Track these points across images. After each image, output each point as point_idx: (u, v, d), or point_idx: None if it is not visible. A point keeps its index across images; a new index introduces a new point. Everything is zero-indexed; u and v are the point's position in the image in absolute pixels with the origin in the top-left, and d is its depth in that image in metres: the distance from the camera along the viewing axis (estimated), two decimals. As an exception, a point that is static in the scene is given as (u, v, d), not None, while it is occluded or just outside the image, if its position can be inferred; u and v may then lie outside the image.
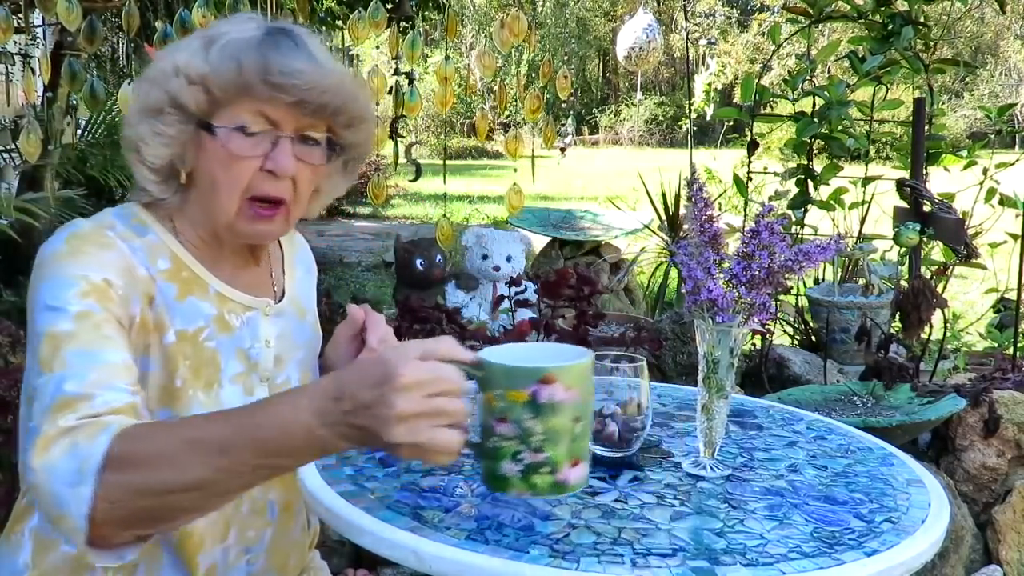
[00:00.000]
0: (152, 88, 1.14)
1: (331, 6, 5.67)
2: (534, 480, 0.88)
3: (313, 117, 1.17)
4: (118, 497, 0.90)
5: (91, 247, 1.11)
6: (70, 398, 0.98)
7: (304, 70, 1.12)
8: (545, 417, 0.84)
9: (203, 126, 1.14)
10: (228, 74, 1.11)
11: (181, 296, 1.18)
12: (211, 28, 1.17)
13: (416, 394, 0.84)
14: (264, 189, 1.17)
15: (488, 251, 4.35)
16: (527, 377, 0.84)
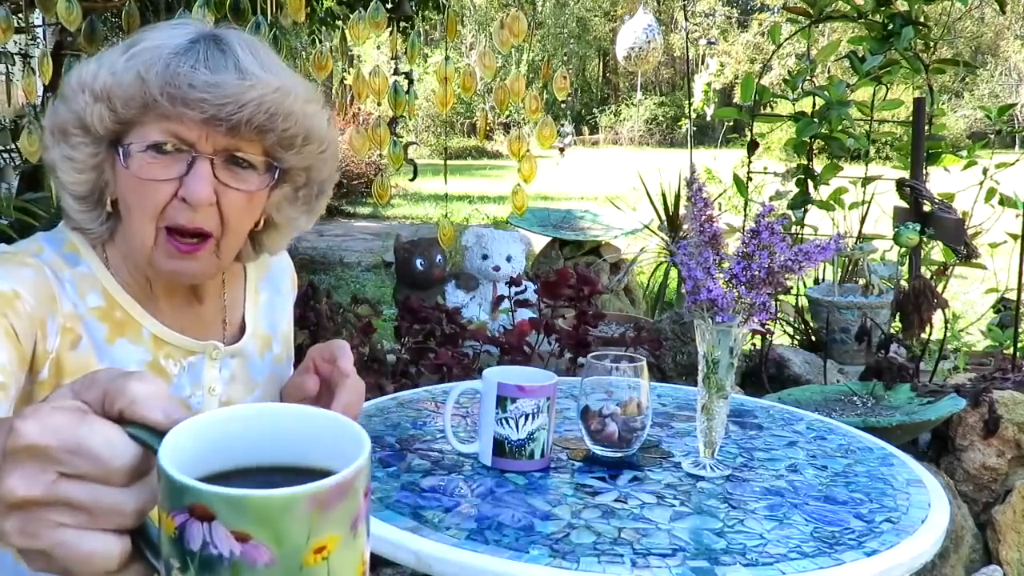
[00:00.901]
0: (60, 106, 1.01)
1: (331, 6, 5.67)
2: None
3: (233, 136, 0.99)
4: None
5: (8, 264, 0.99)
6: None
7: (216, 82, 0.96)
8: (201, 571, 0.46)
9: (113, 146, 1.00)
10: (131, 88, 0.97)
11: (111, 339, 1.04)
12: (137, 35, 1.02)
13: (36, 470, 0.51)
14: (179, 219, 1.00)
15: (488, 251, 4.36)
16: (175, 495, 0.46)
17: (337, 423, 0.52)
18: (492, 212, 11.31)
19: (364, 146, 2.69)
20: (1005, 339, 3.29)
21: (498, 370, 1.22)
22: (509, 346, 2.60)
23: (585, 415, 1.22)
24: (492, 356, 2.75)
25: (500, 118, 16.35)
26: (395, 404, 1.49)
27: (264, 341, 1.20)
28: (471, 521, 1.03)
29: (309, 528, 0.45)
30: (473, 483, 1.15)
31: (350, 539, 0.47)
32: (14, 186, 5.41)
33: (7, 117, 7.20)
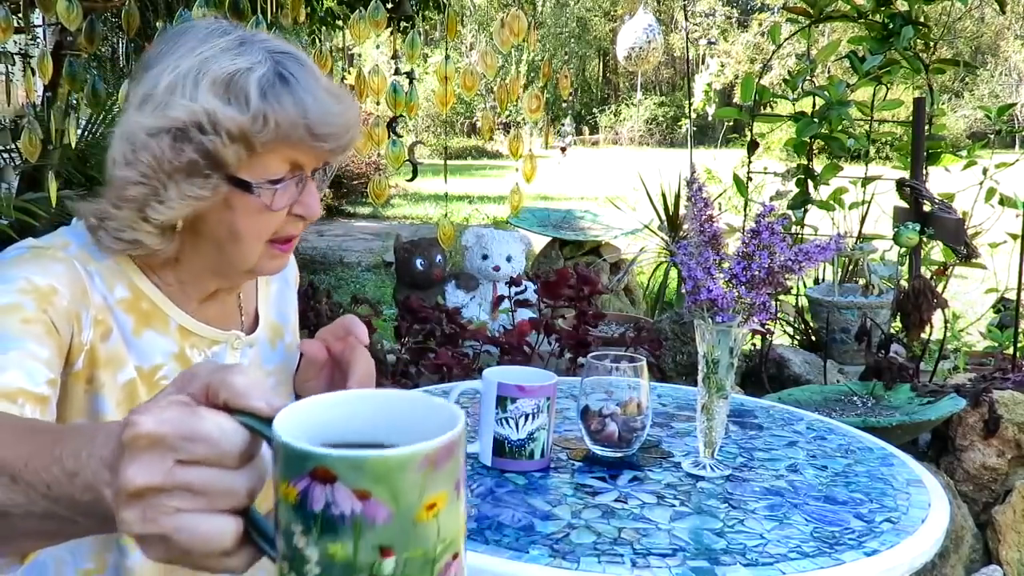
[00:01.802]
0: (180, 144, 0.98)
1: (331, 6, 5.67)
2: None
3: (335, 155, 1.07)
4: None
5: (42, 259, 1.01)
6: None
7: (338, 112, 1.03)
8: (321, 537, 0.49)
9: (238, 184, 1.01)
10: (271, 128, 0.99)
11: (137, 330, 1.07)
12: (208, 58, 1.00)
13: (155, 459, 0.54)
14: (290, 231, 1.09)
15: (488, 251, 4.36)
16: (295, 463, 0.49)
17: (429, 402, 0.56)
18: (492, 212, 11.32)
19: (364, 145, 2.69)
20: (1005, 339, 3.29)
21: (498, 370, 1.22)
22: (509, 346, 2.60)
23: (585, 415, 1.22)
24: (492, 356, 2.75)
25: (500, 118, 16.35)
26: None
27: (275, 331, 1.24)
28: (471, 521, 1.03)
29: (422, 486, 0.49)
30: (473, 483, 1.15)
31: (455, 499, 0.50)
32: (14, 186, 5.41)
33: (7, 117, 7.20)
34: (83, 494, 0.59)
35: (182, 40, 1.03)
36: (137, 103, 1.01)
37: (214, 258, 1.08)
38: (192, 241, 1.07)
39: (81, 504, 0.59)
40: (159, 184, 1.00)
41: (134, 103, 1.02)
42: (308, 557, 0.50)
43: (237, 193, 1.02)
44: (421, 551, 0.50)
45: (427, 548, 0.50)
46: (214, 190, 1.01)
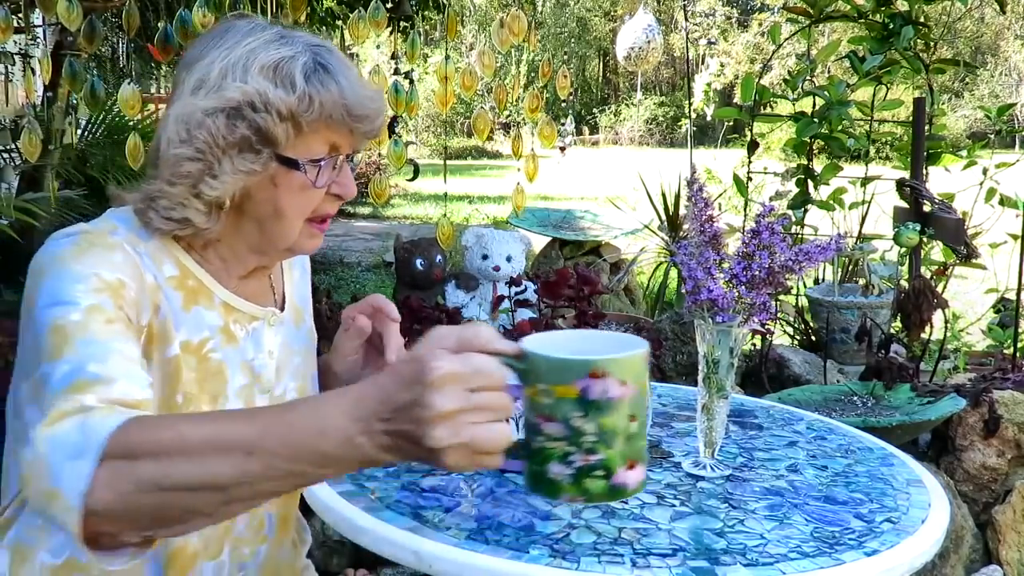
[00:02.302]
0: (234, 122, 1.07)
1: (331, 6, 5.67)
2: (586, 484, 0.78)
3: (367, 139, 1.17)
4: (122, 487, 0.80)
5: (98, 248, 1.06)
6: (89, 380, 0.91)
7: (372, 96, 1.13)
8: (597, 415, 0.75)
9: (285, 161, 1.10)
10: (316, 108, 1.08)
11: (187, 305, 1.13)
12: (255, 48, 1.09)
13: (455, 389, 0.76)
14: (328, 210, 1.17)
15: (488, 251, 4.35)
16: (576, 370, 0.75)
17: (619, 336, 0.86)
18: (492, 212, 11.31)
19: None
20: (1005, 339, 3.29)
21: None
22: (509, 346, 2.60)
23: (585, 415, 1.22)
24: (492, 356, 2.75)
25: (500, 118, 16.34)
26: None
27: (298, 314, 1.32)
28: (471, 521, 1.03)
29: (644, 372, 0.80)
30: (473, 483, 1.15)
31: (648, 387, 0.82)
32: (14, 186, 5.41)
33: (7, 117, 7.20)
34: (337, 447, 0.78)
35: (227, 35, 1.12)
36: (191, 89, 1.09)
37: (255, 236, 1.15)
38: (235, 221, 1.14)
39: (332, 455, 0.79)
40: (214, 159, 1.07)
41: (187, 89, 1.10)
42: (586, 431, 0.76)
43: (283, 171, 1.10)
44: (644, 413, 0.80)
45: (647, 412, 0.80)
46: (264, 166, 1.09)
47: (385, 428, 0.78)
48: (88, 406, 0.87)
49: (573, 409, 0.75)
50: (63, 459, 0.81)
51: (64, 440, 0.83)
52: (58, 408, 0.87)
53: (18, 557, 1.12)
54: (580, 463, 0.77)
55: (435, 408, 0.75)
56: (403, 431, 0.77)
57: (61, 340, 0.95)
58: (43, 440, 0.84)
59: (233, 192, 1.10)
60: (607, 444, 0.77)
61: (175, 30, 2.43)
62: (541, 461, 0.79)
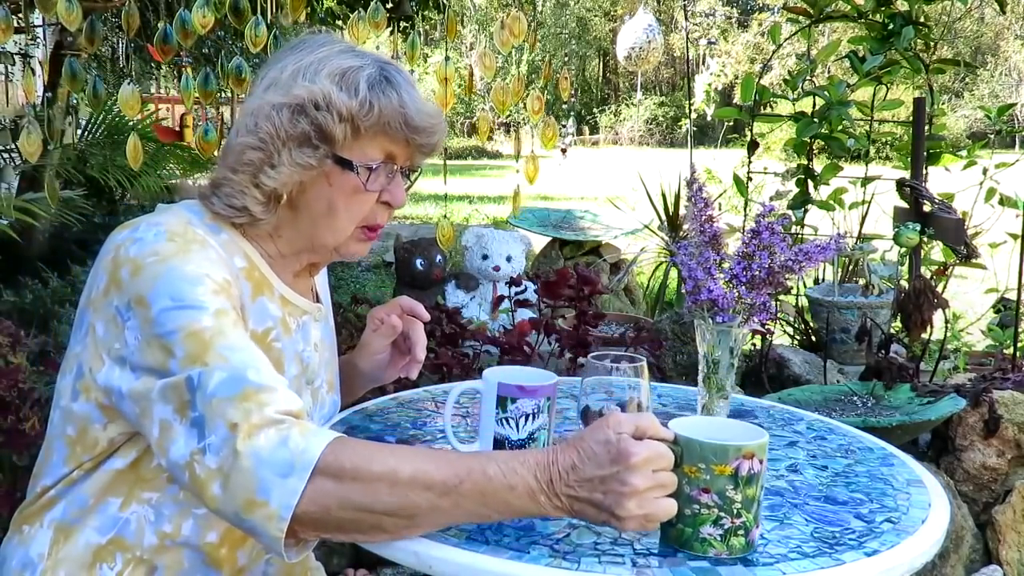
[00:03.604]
0: (297, 117, 1.15)
1: (331, 6, 5.67)
2: (732, 542, 0.96)
3: (422, 153, 1.23)
4: (327, 503, 0.94)
5: (196, 245, 1.11)
6: (254, 388, 0.99)
7: (432, 112, 1.20)
8: (744, 487, 0.95)
9: (339, 161, 1.17)
10: (375, 114, 1.15)
11: (253, 296, 1.19)
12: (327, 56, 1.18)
13: (646, 471, 0.94)
14: (378, 219, 1.24)
15: (488, 251, 4.35)
16: (733, 453, 0.95)
17: (737, 423, 1.06)
18: (492, 212, 11.31)
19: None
20: (1005, 339, 3.29)
21: (498, 370, 1.22)
22: (509, 346, 2.60)
23: (585, 415, 1.22)
24: (492, 356, 2.75)
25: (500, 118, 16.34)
26: (395, 404, 1.48)
27: (327, 312, 1.38)
28: (471, 521, 1.03)
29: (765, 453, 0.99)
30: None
31: None
32: (14, 186, 5.41)
33: (7, 117, 7.19)
34: (520, 500, 0.95)
35: (303, 45, 1.21)
36: (264, 87, 1.18)
37: (309, 233, 1.21)
38: (292, 216, 1.21)
39: (515, 506, 0.96)
40: (274, 150, 1.15)
41: (261, 87, 1.19)
42: (735, 499, 0.95)
43: (337, 171, 1.17)
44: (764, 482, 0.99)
45: None
46: (320, 162, 1.16)
47: (569, 494, 0.95)
48: (275, 418, 0.98)
49: (727, 483, 0.95)
50: (272, 475, 0.94)
51: (271, 457, 0.95)
52: (248, 420, 0.97)
53: (60, 536, 1.17)
54: (728, 525, 0.96)
55: (633, 486, 0.93)
56: (592, 499, 0.94)
57: (200, 346, 1.02)
58: (247, 454, 0.95)
59: (290, 184, 1.16)
60: (748, 509, 0.96)
61: (175, 30, 2.42)
62: (696, 524, 0.96)
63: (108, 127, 5.53)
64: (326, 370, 1.34)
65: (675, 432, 0.99)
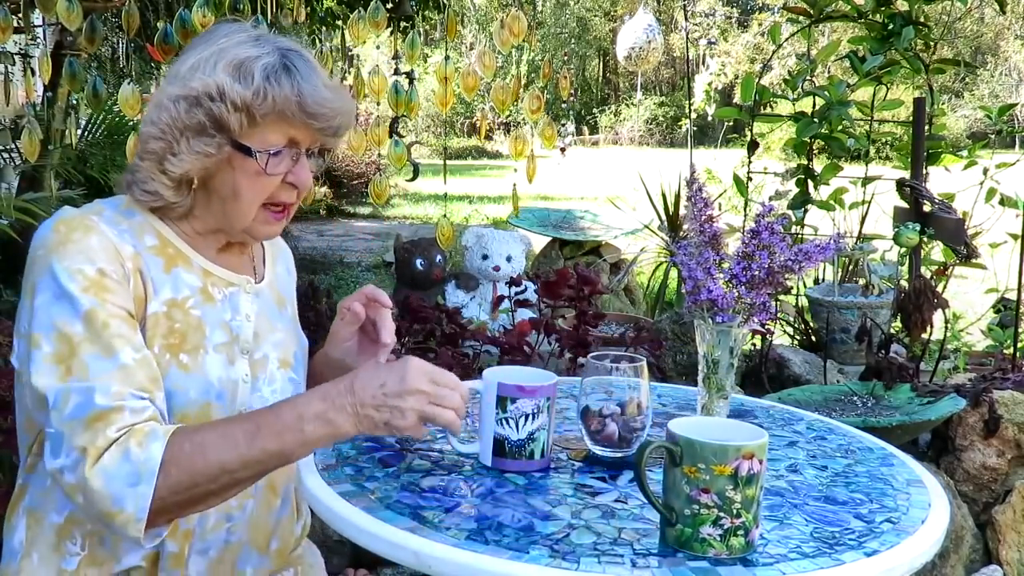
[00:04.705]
0: (193, 108, 1.21)
1: (331, 6, 5.67)
2: (731, 542, 0.96)
3: (326, 136, 1.29)
4: (176, 494, 1.08)
5: (76, 234, 1.18)
6: (102, 411, 1.10)
7: (329, 98, 1.24)
8: (744, 487, 0.96)
9: (239, 147, 1.23)
10: (269, 102, 1.21)
11: (167, 268, 1.27)
12: (227, 48, 1.23)
13: (424, 377, 1.09)
14: (282, 198, 1.29)
15: (488, 251, 4.35)
16: (733, 454, 0.96)
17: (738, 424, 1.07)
18: (492, 212, 11.31)
19: (362, 146, 2.69)
20: (1005, 339, 3.29)
21: (498, 370, 1.22)
22: (509, 346, 2.60)
23: (585, 415, 1.22)
24: (492, 356, 2.75)
25: (500, 118, 16.32)
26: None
27: (279, 299, 1.44)
28: (471, 521, 1.03)
29: None
30: (473, 483, 1.15)
31: None
32: (14, 186, 5.40)
33: (7, 117, 7.19)
34: (312, 426, 1.10)
35: (209, 35, 1.28)
36: (168, 79, 1.27)
37: (220, 214, 1.28)
38: (204, 198, 1.28)
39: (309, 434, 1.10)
40: (173, 140, 1.22)
41: (166, 80, 1.27)
42: (735, 500, 0.95)
43: (239, 156, 1.23)
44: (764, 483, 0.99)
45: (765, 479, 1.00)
46: (218, 149, 1.22)
47: (355, 405, 1.09)
48: (114, 438, 1.09)
49: (727, 483, 0.95)
50: (123, 487, 1.07)
51: (118, 472, 1.07)
52: (94, 445, 1.08)
53: (32, 521, 1.25)
54: (728, 525, 0.96)
55: (412, 384, 1.09)
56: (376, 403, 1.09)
57: (68, 351, 1.13)
58: (96, 475, 1.07)
59: (195, 170, 1.24)
60: (747, 509, 0.96)
61: (175, 30, 2.43)
62: (695, 524, 0.97)
63: (108, 127, 5.53)
64: (276, 348, 1.37)
65: (675, 432, 0.99)
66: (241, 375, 1.30)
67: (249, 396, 1.30)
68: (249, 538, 1.32)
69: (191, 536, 1.25)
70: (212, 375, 1.26)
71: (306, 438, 1.10)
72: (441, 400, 1.11)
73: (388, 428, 1.11)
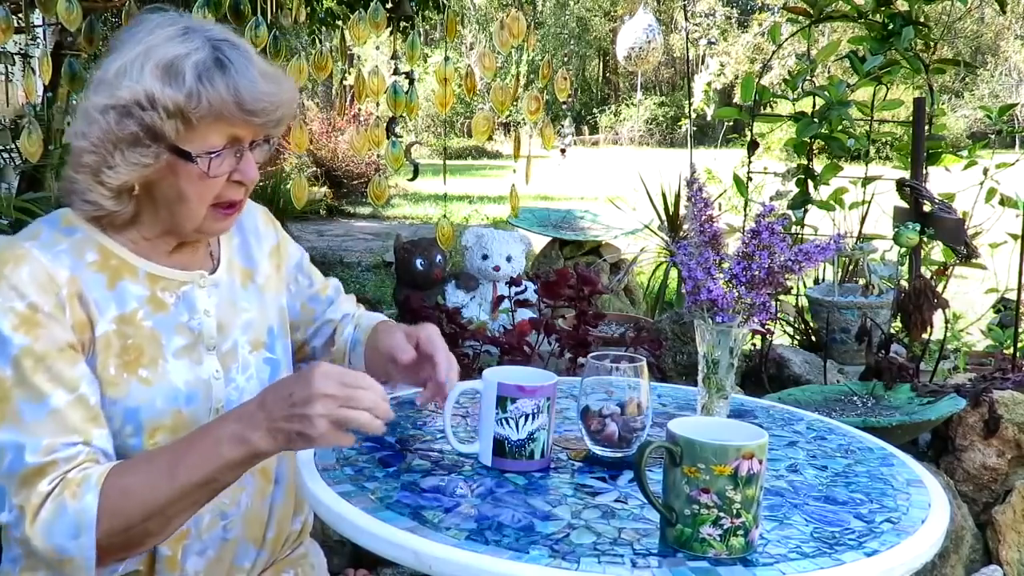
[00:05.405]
0: (124, 119, 1.15)
1: (331, 6, 5.66)
2: (731, 542, 0.97)
3: (269, 128, 1.24)
4: (114, 533, 1.09)
5: (7, 268, 1.14)
6: (34, 468, 1.09)
7: (269, 92, 1.19)
8: (744, 487, 0.96)
9: (179, 153, 1.18)
10: (204, 105, 1.15)
11: (111, 284, 1.22)
12: (153, 46, 1.16)
13: (330, 382, 1.06)
14: (230, 196, 1.25)
15: (488, 251, 4.35)
16: (733, 454, 0.96)
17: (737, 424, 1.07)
18: (492, 212, 11.31)
19: (363, 146, 2.69)
20: (1005, 339, 3.28)
21: (498, 370, 1.22)
22: (509, 346, 2.60)
23: (585, 415, 1.22)
24: (492, 356, 2.75)
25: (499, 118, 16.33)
26: (395, 404, 1.48)
27: (244, 274, 1.39)
28: (471, 521, 1.03)
29: None
30: (473, 483, 1.15)
31: None
32: (14, 186, 5.40)
33: (7, 117, 7.19)
34: (230, 447, 1.09)
35: (134, 31, 1.20)
36: (94, 86, 1.19)
37: (167, 218, 1.24)
38: (149, 204, 1.23)
39: (227, 456, 1.09)
40: (107, 153, 1.16)
41: (92, 87, 1.20)
42: (735, 500, 0.95)
43: (179, 161, 1.18)
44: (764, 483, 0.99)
45: None
46: (156, 158, 1.17)
47: (269, 420, 1.08)
48: (47, 491, 1.09)
49: (727, 483, 0.95)
50: (65, 540, 1.08)
51: (55, 528, 1.08)
52: (29, 503, 1.09)
53: None
54: (728, 525, 0.96)
55: (318, 389, 1.06)
56: (288, 415, 1.06)
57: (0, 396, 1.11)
58: (36, 533, 1.08)
59: (134, 179, 1.19)
60: (747, 509, 0.96)
61: (175, 30, 2.42)
62: (695, 524, 0.97)
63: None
64: (245, 330, 1.34)
65: (675, 432, 0.99)
66: (212, 372, 1.28)
67: (224, 390, 1.29)
68: (246, 533, 1.32)
69: (186, 537, 1.25)
70: (178, 381, 1.24)
71: (226, 461, 1.09)
72: (352, 402, 1.07)
73: (304, 440, 1.07)
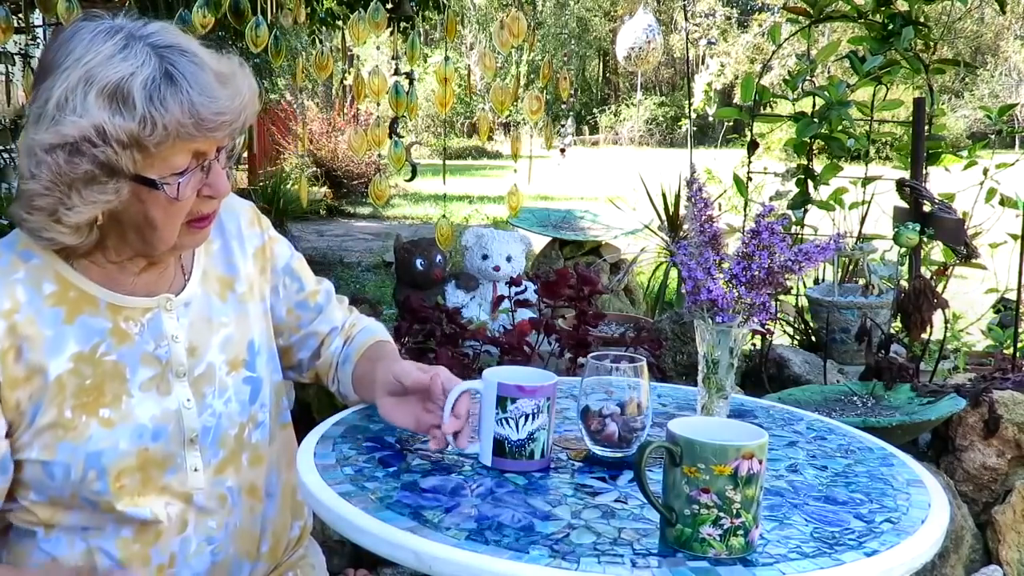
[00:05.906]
0: (74, 158, 1.04)
1: (331, 6, 5.67)
2: (731, 542, 0.97)
3: (234, 135, 1.16)
4: None
5: None
6: None
7: (227, 100, 1.09)
8: (744, 487, 0.96)
9: (142, 181, 1.08)
10: (160, 130, 1.05)
11: (70, 318, 1.14)
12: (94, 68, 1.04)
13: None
14: (203, 210, 1.17)
15: (488, 251, 4.35)
16: (732, 453, 0.96)
17: (734, 423, 1.07)
18: (492, 212, 11.31)
19: (363, 146, 2.69)
20: (1005, 339, 3.28)
21: (498, 370, 1.22)
22: (509, 346, 2.60)
23: (585, 415, 1.22)
24: (492, 356, 2.75)
25: (500, 118, 16.32)
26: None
27: (223, 283, 1.29)
28: (471, 521, 1.03)
29: None
30: (473, 483, 1.15)
31: None
32: (14, 186, 5.40)
33: (7, 117, 7.19)
34: None
35: (69, 47, 1.06)
36: (34, 119, 1.06)
37: (137, 243, 1.15)
38: (116, 231, 1.14)
39: None
40: (62, 195, 1.06)
41: (32, 119, 1.07)
42: (734, 500, 0.95)
43: (144, 189, 1.09)
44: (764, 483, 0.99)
45: None
46: (117, 192, 1.07)
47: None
48: None
49: (727, 483, 0.95)
50: None
51: None
52: None
53: None
54: (728, 525, 0.96)
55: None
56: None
57: None
58: None
59: (95, 213, 1.09)
60: (747, 509, 0.96)
61: (175, 30, 2.42)
62: (695, 524, 0.97)
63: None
64: (222, 349, 1.26)
65: (675, 432, 1.00)
66: (182, 401, 1.20)
67: (198, 419, 1.21)
68: (238, 550, 1.28)
69: (171, 566, 1.21)
70: (143, 418, 1.17)
71: None
72: None
73: None
